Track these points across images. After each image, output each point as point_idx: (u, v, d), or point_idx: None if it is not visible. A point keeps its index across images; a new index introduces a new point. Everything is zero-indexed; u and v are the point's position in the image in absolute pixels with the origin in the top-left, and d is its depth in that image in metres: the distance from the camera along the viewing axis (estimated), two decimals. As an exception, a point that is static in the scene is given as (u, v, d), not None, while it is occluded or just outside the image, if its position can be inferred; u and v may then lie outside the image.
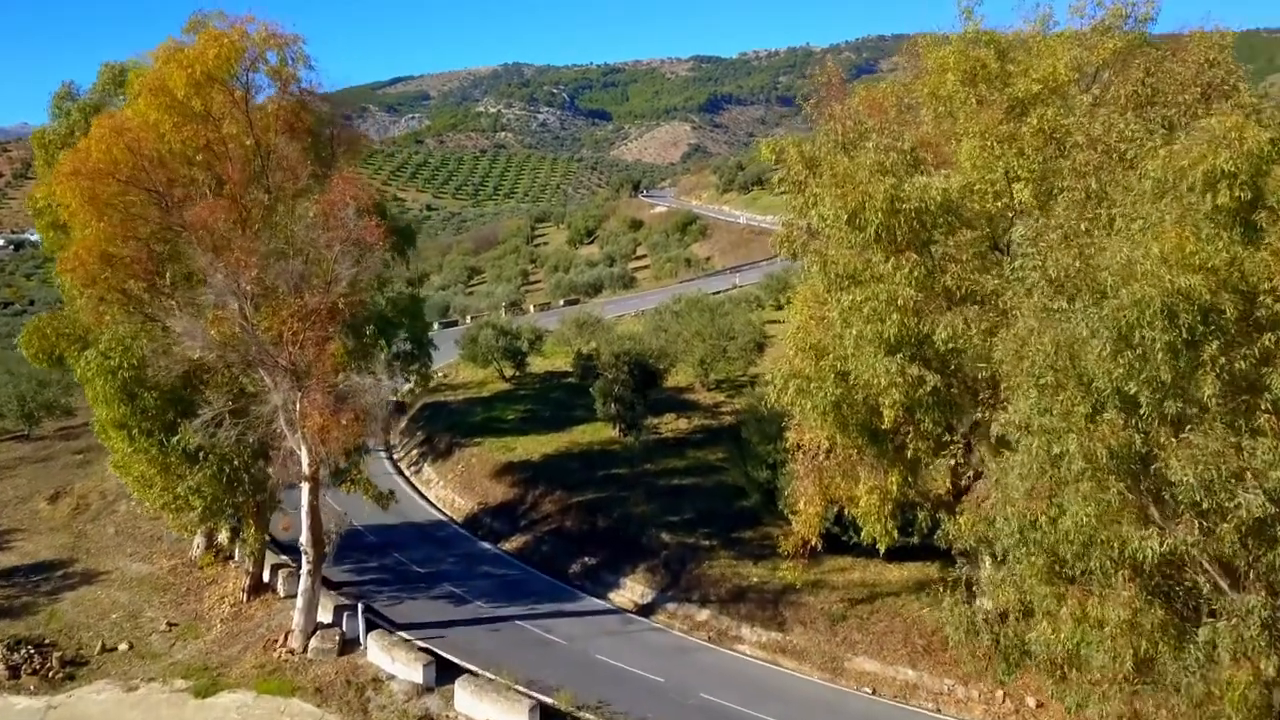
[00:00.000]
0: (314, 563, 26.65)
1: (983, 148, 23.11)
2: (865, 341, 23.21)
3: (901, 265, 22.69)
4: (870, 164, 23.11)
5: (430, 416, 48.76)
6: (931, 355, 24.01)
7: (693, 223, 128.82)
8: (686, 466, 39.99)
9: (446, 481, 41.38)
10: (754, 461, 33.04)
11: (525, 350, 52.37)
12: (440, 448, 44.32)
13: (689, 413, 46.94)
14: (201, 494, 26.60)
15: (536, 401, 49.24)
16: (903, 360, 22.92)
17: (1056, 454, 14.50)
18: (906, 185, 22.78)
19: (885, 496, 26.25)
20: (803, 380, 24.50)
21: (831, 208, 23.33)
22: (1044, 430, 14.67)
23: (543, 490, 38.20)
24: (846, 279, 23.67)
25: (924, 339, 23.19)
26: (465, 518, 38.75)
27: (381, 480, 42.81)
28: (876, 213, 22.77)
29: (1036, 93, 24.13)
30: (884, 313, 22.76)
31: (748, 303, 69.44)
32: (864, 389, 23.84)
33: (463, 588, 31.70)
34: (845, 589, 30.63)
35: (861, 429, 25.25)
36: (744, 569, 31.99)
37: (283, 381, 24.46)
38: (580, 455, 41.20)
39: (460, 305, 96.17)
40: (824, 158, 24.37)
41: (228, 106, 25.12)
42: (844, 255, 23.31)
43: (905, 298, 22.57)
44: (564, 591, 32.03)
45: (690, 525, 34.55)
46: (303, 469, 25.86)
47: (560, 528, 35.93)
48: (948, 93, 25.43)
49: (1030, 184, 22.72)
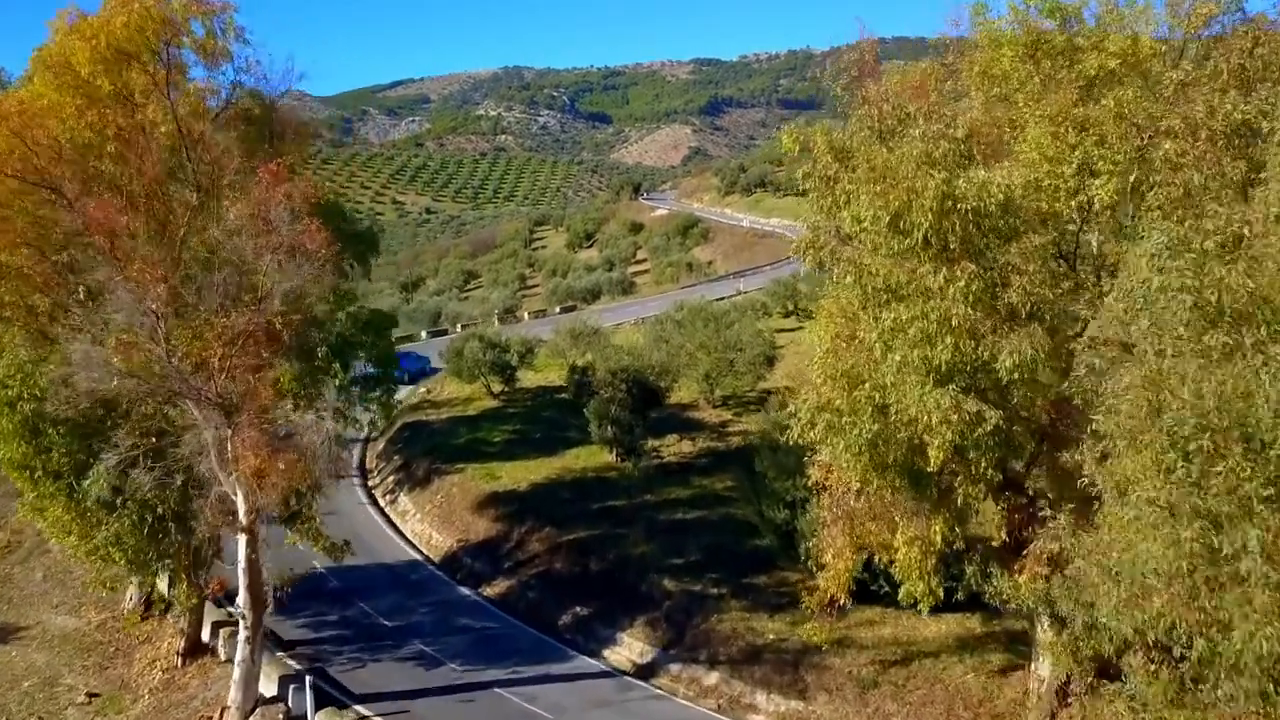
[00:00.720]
0: (253, 628, 22.61)
1: (1054, 135, 19.10)
2: (910, 370, 19.24)
3: (956, 277, 18.75)
4: (916, 155, 19.13)
5: (410, 438, 44.63)
6: (988, 385, 20.02)
7: (694, 226, 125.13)
8: (691, 497, 35.89)
9: (424, 514, 37.27)
10: (770, 499, 28.90)
11: (515, 364, 48.30)
12: (418, 475, 40.19)
13: (693, 433, 42.86)
14: (122, 545, 22.61)
15: (526, 421, 45.14)
16: (955, 392, 18.94)
17: (1217, 548, 10.45)
18: (961, 180, 18.85)
19: (928, 549, 22.19)
20: (833, 414, 20.46)
21: (869, 208, 19.41)
22: (1196, 513, 10.61)
23: (530, 526, 34.10)
24: (887, 294, 19.69)
25: (982, 366, 19.21)
26: (443, 557, 34.64)
27: (354, 512, 38.94)
28: (925, 214, 18.86)
29: (1112, 70, 20.08)
30: (934, 335, 18.83)
31: (754, 310, 65.44)
32: (907, 426, 19.87)
33: (436, 645, 27.56)
34: (876, 648, 26.56)
35: (901, 470, 21.22)
36: (758, 622, 27.90)
37: (212, 417, 20.46)
38: (573, 484, 37.10)
39: (452, 313, 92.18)
40: (858, 148, 20.33)
41: (150, 88, 21.13)
42: (884, 265, 19.30)
43: (960, 317, 18.60)
44: (552, 649, 27.92)
45: (696, 569, 30.44)
46: (239, 518, 21.86)
47: (549, 570, 31.83)
48: (1003, 71, 21.39)
49: (1112, 179, 18.69)
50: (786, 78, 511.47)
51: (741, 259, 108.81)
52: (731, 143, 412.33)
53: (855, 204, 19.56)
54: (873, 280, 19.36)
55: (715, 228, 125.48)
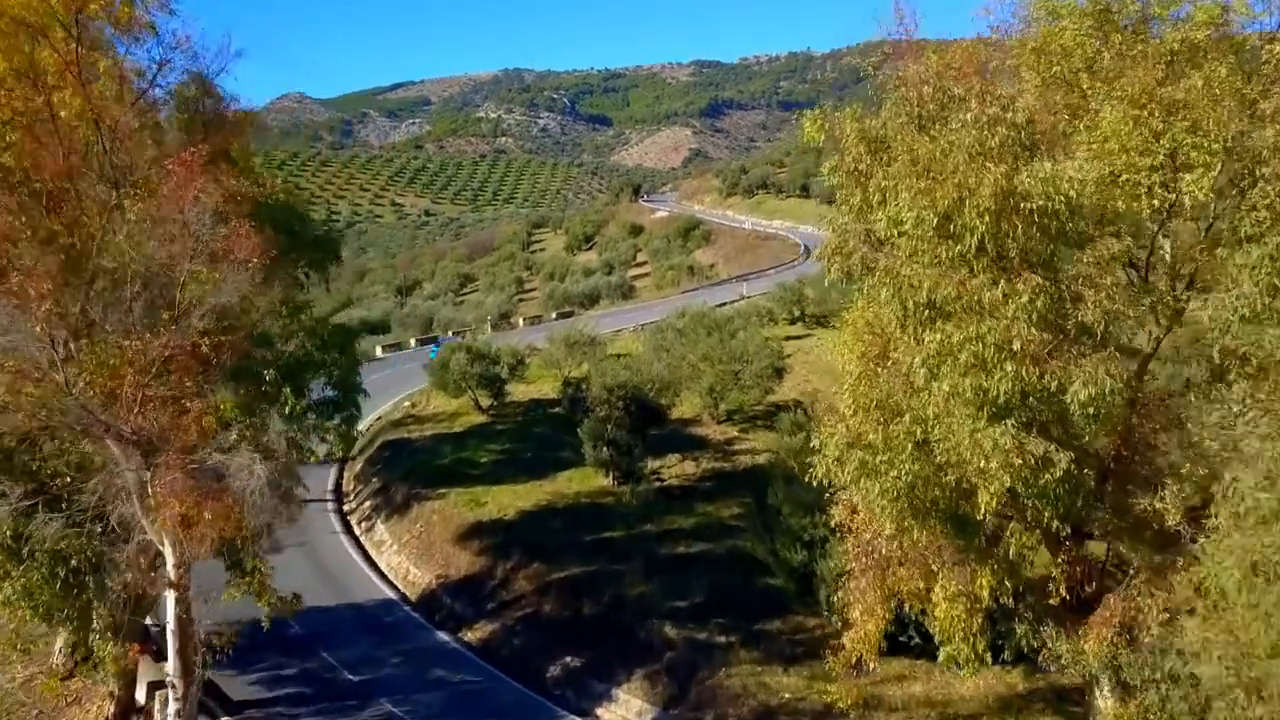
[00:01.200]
0: (183, 699, 19.34)
1: (1136, 120, 15.91)
2: (962, 401, 16.09)
3: (1017, 291, 15.63)
4: (968, 144, 15.97)
5: (390, 458, 41.31)
6: (1049, 418, 16.88)
7: (695, 228, 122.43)
8: (695, 526, 32.62)
9: (402, 545, 33.96)
10: (785, 538, 25.60)
11: (504, 377, 45.02)
12: (397, 500, 36.86)
13: (696, 452, 39.61)
14: (33, 599, 19.39)
15: (516, 438, 41.82)
16: (1016, 429, 15.79)
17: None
18: (1025, 174, 15.69)
19: (974, 606, 19.02)
20: (866, 451, 17.26)
21: (911, 208, 16.30)
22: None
23: (517, 560, 30.81)
24: (931, 310, 16.52)
25: (1046, 398, 16.08)
26: (421, 595, 31.31)
27: (325, 542, 35.68)
28: (981, 215, 15.78)
29: (1197, 43, 16.87)
30: (992, 361, 15.67)
31: (758, 317, 62.40)
32: (955, 467, 16.73)
33: (405, 706, 24.23)
34: (906, 709, 23.34)
35: (944, 516, 18.04)
36: (772, 677, 24.64)
37: (131, 456, 17.25)
38: (565, 512, 33.79)
39: (445, 319, 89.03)
40: (896, 137, 17.13)
41: (63, 68, 17.94)
42: (928, 276, 16.14)
43: (1024, 339, 15.45)
44: (539, 708, 24.57)
45: (701, 613, 27.15)
46: (167, 572, 18.64)
47: (537, 612, 28.53)
48: (1063, 47, 18.17)
49: (1208, 172, 15.49)
50: (787, 80, 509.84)
51: (744, 262, 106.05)
52: (732, 145, 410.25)
53: (893, 203, 16.44)
54: (914, 294, 16.19)
55: (717, 230, 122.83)
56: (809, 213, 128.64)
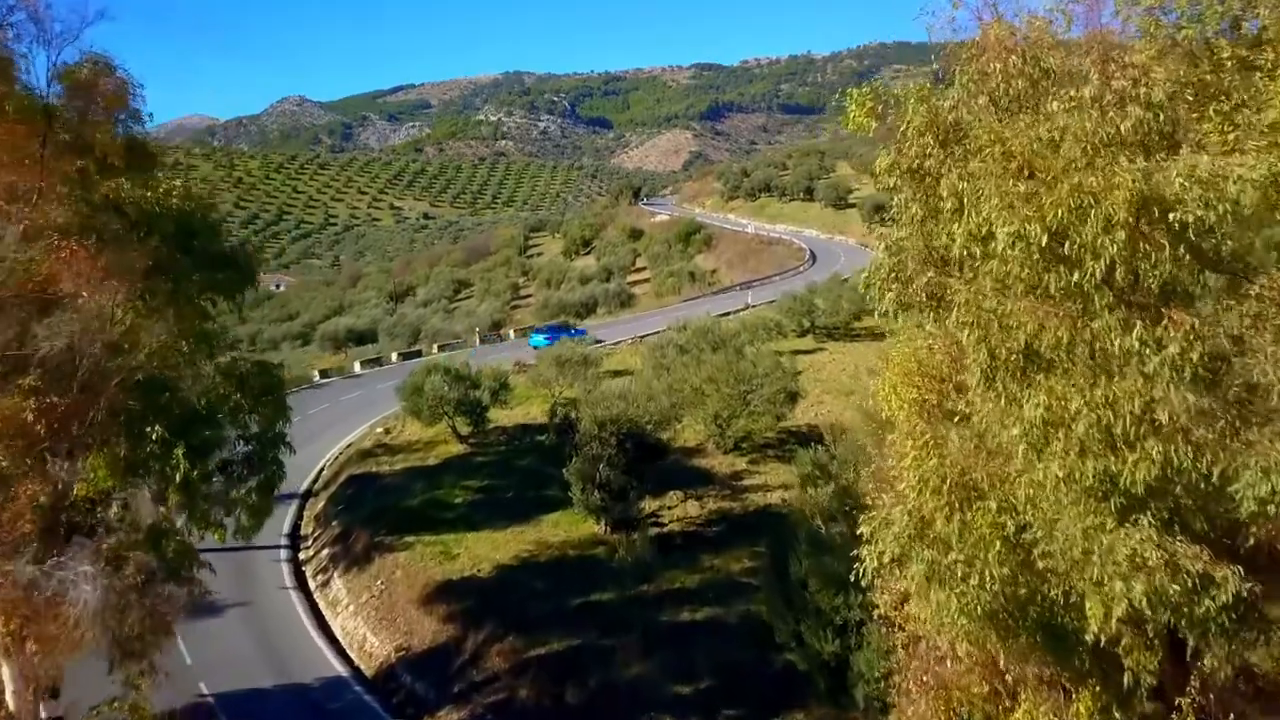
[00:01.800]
0: None
1: (1323, 98, 11.37)
2: (1079, 490, 11.62)
3: (1164, 339, 11.10)
4: (1088, 132, 11.42)
5: (354, 496, 36.64)
6: (1191, 510, 12.35)
7: (696, 232, 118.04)
8: (701, 584, 28.00)
9: (359, 605, 29.33)
10: (812, 620, 20.91)
11: (485, 403, 40.43)
12: (357, 550, 32.23)
13: (701, 489, 34.99)
14: None
15: (497, 473, 37.19)
16: (1158, 532, 11.33)
17: None
18: (1173, 174, 11.12)
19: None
20: (935, 549, 12.71)
21: (1008, 220, 11.66)
22: None
23: (490, 630, 26.19)
24: (1032, 360, 11.95)
25: (1199, 490, 11.62)
26: (377, 671, 26.67)
27: (272, 600, 31.00)
28: (1113, 231, 11.15)
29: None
30: (1125, 436, 11.16)
31: (766, 330, 57.91)
32: (1062, 578, 12.30)
33: (343, 831, 19.73)
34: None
35: (1038, 625, 13.50)
36: (795, 794, 20.12)
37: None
38: (549, 568, 29.16)
39: (433, 329, 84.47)
40: (975, 123, 12.58)
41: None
42: (1028, 315, 11.57)
43: (1174, 408, 10.91)
44: (508, 831, 20.06)
45: (708, 702, 22.59)
46: (6, 699, 14.15)
47: (511, 698, 23.93)
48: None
49: None
50: (787, 82, 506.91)
51: (747, 267, 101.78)
52: (732, 147, 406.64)
53: (975, 213, 11.84)
54: (1009, 338, 11.61)
55: (718, 234, 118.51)
56: (813, 217, 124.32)
